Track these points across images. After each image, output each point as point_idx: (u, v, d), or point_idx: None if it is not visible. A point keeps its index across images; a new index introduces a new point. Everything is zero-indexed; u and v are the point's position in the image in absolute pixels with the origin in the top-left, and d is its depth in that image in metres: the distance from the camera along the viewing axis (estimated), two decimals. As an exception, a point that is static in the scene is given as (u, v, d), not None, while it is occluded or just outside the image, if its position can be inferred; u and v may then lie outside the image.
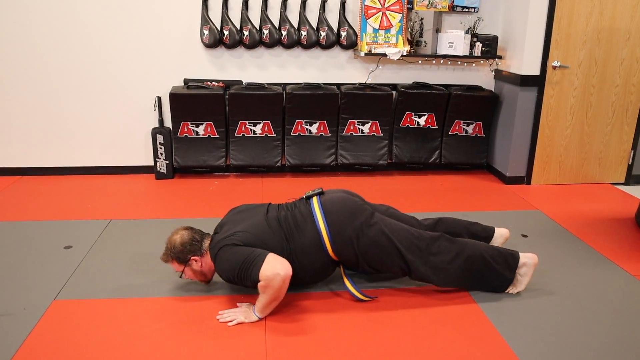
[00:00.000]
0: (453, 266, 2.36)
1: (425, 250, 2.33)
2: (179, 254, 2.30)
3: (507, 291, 2.49)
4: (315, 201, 2.37)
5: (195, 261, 2.32)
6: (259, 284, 2.13)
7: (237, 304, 2.35)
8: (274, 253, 2.17)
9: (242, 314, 2.26)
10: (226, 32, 3.96)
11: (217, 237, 2.32)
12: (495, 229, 2.70)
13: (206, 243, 2.35)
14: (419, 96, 4.16)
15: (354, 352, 2.06)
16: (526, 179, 4.21)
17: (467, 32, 4.16)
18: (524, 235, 3.20)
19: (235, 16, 4.00)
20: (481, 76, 4.41)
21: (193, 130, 4.04)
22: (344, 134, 4.20)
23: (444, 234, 2.43)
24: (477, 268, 2.39)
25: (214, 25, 3.95)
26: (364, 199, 2.50)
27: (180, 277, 2.39)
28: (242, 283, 2.23)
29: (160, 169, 4.15)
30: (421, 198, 3.83)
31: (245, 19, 3.98)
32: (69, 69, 3.99)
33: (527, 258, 2.46)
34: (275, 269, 2.10)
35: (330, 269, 2.40)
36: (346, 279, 2.40)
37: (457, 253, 2.36)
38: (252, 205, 2.52)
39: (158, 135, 4.09)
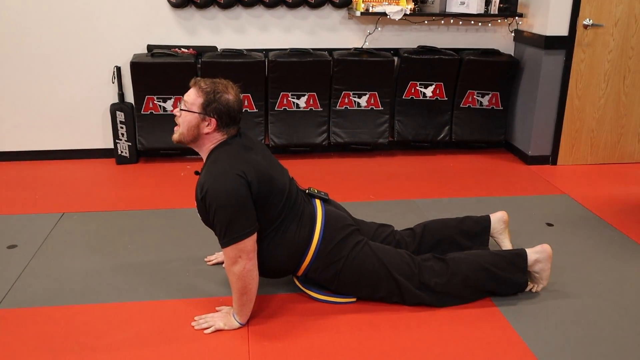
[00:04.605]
0: (451, 287, 2.39)
1: (417, 274, 2.37)
2: (213, 104, 2.19)
3: (527, 289, 2.51)
4: (319, 206, 2.41)
5: (207, 125, 2.22)
6: (224, 254, 2.20)
7: (216, 308, 2.35)
8: (256, 229, 2.19)
9: (221, 319, 2.27)
10: (196, -11, 3.93)
11: (240, 143, 2.28)
12: (491, 216, 2.71)
13: (232, 130, 2.27)
14: (425, 62, 4.15)
15: (351, 363, 2.08)
16: (552, 159, 4.23)
17: (481, -15, 4.14)
18: (549, 224, 3.22)
19: (206, -31, 3.97)
20: (498, 38, 4.41)
21: (160, 106, 4.03)
22: (337, 108, 4.19)
23: (433, 254, 2.47)
24: (480, 284, 2.42)
25: (181, -20, 3.92)
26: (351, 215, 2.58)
27: (178, 108, 2.25)
28: (205, 218, 2.25)
29: (121, 152, 4.14)
30: (428, 182, 3.83)
31: (218, -27, 3.95)
32: (9, 36, 3.94)
33: (537, 253, 2.47)
34: (239, 261, 2.16)
35: (282, 275, 2.46)
36: (313, 292, 2.45)
37: (452, 274, 2.39)
38: (273, 157, 2.46)
39: (118, 113, 4.07)
